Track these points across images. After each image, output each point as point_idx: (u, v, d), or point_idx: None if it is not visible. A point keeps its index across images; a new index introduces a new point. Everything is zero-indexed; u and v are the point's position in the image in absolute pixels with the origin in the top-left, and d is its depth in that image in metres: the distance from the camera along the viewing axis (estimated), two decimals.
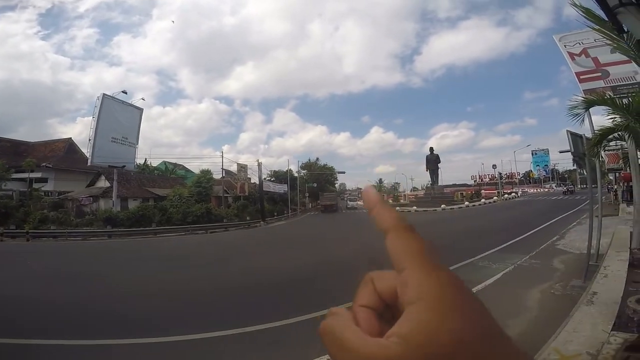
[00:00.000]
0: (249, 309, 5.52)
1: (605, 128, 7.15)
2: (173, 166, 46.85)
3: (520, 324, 4.11)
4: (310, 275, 7.89)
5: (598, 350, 2.68)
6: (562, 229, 12.34)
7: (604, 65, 10.76)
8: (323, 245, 13.54)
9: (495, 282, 6.16)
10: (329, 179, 58.07)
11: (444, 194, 41.99)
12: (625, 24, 2.69)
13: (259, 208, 33.00)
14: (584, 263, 5.83)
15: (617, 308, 3.52)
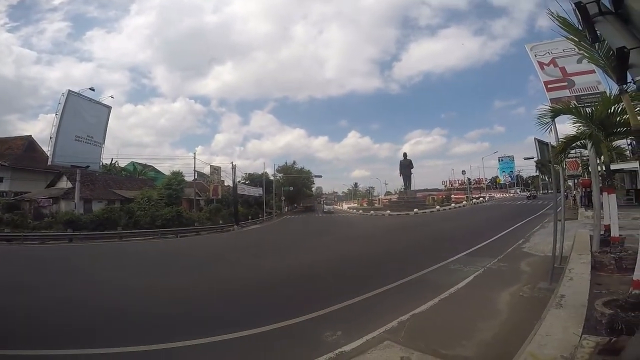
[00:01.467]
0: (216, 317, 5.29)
1: (570, 136, 7.57)
2: (142, 167, 44.82)
3: (493, 327, 4.15)
4: (281, 280, 7.74)
5: (572, 353, 2.72)
6: (527, 232, 12.92)
7: (570, 74, 11.43)
8: (296, 249, 13.37)
9: (467, 284, 6.26)
10: (306, 183, 58.01)
11: (417, 198, 43.17)
12: (603, 33, 2.78)
13: (232, 211, 32.22)
14: (549, 266, 6.05)
15: (585, 311, 3.65)
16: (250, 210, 37.75)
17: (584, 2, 2.68)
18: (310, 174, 58.41)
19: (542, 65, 12.40)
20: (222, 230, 27.38)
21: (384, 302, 5.53)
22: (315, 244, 15.11)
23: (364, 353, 3.58)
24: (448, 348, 3.61)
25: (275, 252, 13.13)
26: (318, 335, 4.26)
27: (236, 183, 35.34)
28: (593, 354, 2.64)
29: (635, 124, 3.36)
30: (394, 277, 6.85)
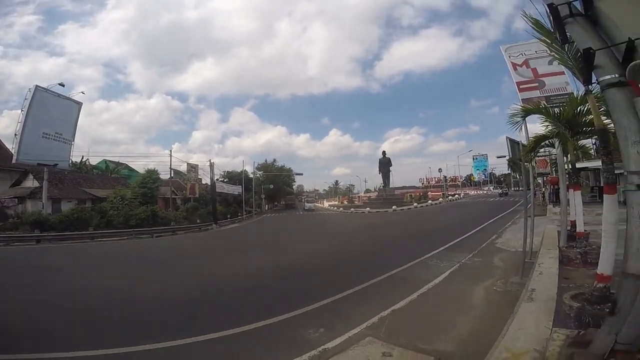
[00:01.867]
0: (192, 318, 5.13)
1: (539, 135, 7.92)
2: (115, 165, 42.92)
3: (469, 321, 4.29)
4: (262, 279, 7.65)
5: (544, 346, 2.84)
6: (500, 228, 13.47)
7: (541, 76, 11.92)
8: (276, 248, 13.26)
9: (443, 279, 6.44)
10: (287, 181, 57.62)
11: (395, 195, 43.94)
12: (572, 35, 2.84)
13: (210, 210, 31.53)
14: (520, 260, 6.32)
15: (554, 304, 3.82)
16: (229, 209, 37.08)
17: (556, 4, 2.74)
18: (291, 172, 58.10)
19: (516, 66, 12.86)
20: (200, 229, 26.76)
21: (365, 298, 5.58)
22: (296, 241, 15.06)
23: (346, 350, 3.61)
24: (427, 343, 3.69)
25: (254, 251, 12.93)
26: (301, 332, 4.26)
27: (214, 181, 34.61)
28: (564, 346, 2.77)
29: (599, 123, 3.53)
30: (374, 274, 6.92)
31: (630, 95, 2.44)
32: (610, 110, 2.63)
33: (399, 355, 3.40)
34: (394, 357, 3.37)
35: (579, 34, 2.75)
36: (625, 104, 2.47)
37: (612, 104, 2.60)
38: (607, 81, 2.56)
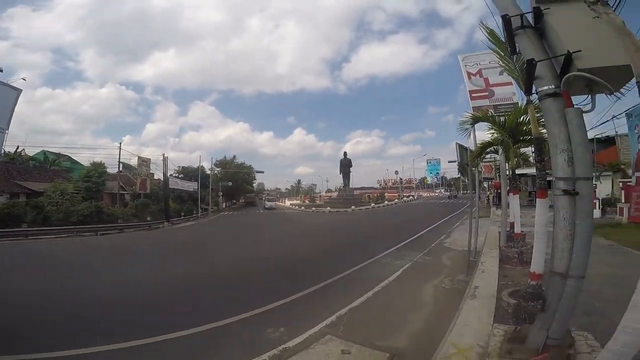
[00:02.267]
0: (141, 320, 4.78)
1: (485, 142, 8.52)
2: (56, 157, 38.69)
3: (421, 318, 4.48)
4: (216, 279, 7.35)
5: (486, 342, 3.02)
6: (449, 228, 14.33)
7: (492, 85, 12.84)
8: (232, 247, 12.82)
9: (397, 278, 6.68)
10: (247, 178, 56.26)
11: (355, 196, 44.92)
12: (520, 46, 2.95)
13: (162, 207, 29.78)
14: (466, 259, 6.73)
15: (495, 301, 4.10)
16: (183, 206, 35.33)
17: (509, 15, 2.86)
18: (251, 169, 56.81)
19: (470, 75, 13.74)
20: (150, 227, 25.21)
21: (323, 297, 5.61)
22: (254, 240, 14.72)
23: (307, 348, 3.62)
24: (383, 340, 3.80)
25: (209, 250, 12.43)
26: (260, 332, 4.20)
27: (167, 176, 32.73)
28: (503, 342, 2.95)
29: (536, 132, 3.83)
30: (332, 273, 6.99)
31: (563, 105, 2.61)
32: (545, 119, 2.81)
33: (357, 353, 3.47)
34: (352, 355, 3.43)
35: (526, 45, 2.86)
36: (558, 113, 2.63)
37: (547, 114, 2.76)
38: (544, 91, 2.71)
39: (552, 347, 2.59)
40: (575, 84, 2.53)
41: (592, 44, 2.36)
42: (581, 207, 2.49)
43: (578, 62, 2.38)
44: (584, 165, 2.51)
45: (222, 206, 48.15)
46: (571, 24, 2.53)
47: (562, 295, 2.53)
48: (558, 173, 2.59)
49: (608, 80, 2.35)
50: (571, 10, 2.52)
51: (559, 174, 2.58)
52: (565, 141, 2.55)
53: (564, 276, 2.51)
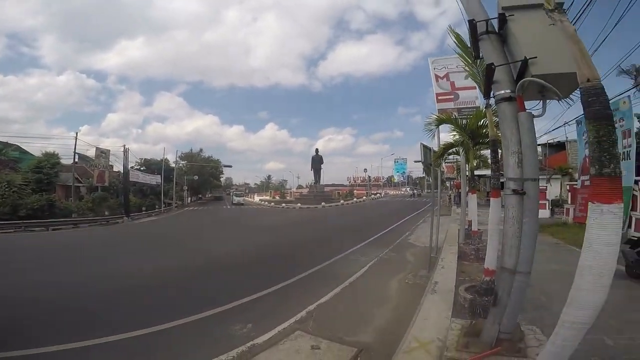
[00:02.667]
0: (102, 318, 4.51)
1: (447, 143, 8.90)
2: (2, 146, 35.06)
3: (386, 313, 4.61)
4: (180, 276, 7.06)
5: (445, 335, 3.16)
6: (413, 225, 14.84)
7: (457, 89, 13.32)
8: (197, 243, 12.41)
9: (363, 273, 6.81)
10: (214, 173, 54.55)
11: (325, 192, 45.12)
12: (483, 51, 3.03)
13: (122, 201, 28.14)
14: (427, 255, 7.02)
15: (453, 296, 4.30)
16: (145, 201, 33.58)
17: (475, 20, 2.94)
18: (219, 164, 55.14)
19: (438, 78, 14.20)
20: (108, 222, 23.75)
21: (292, 293, 5.61)
22: (220, 236, 14.36)
23: (276, 344, 3.61)
24: (351, 335, 3.86)
25: (172, 246, 11.91)
26: (227, 329, 4.13)
27: (128, 169, 30.92)
28: (460, 335, 3.07)
29: (492, 134, 4.06)
30: (300, 269, 7.00)
31: (517, 109, 2.73)
32: (500, 122, 2.94)
33: (326, 348, 3.51)
34: (322, 350, 3.46)
35: (488, 50, 2.96)
36: (511, 117, 2.76)
37: (501, 117, 2.88)
38: (500, 95, 2.83)
39: (504, 341, 2.71)
40: (530, 89, 2.64)
41: (546, 50, 2.43)
42: (528, 207, 2.63)
43: (533, 68, 2.47)
44: (531, 167, 2.65)
45: (187, 201, 46.39)
46: (530, 31, 2.60)
47: (512, 290, 2.65)
48: (509, 174, 2.72)
49: (560, 86, 2.45)
50: (532, 17, 2.57)
51: (510, 175, 2.71)
52: (517, 143, 2.67)
53: (513, 272, 2.64)
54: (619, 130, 9.71)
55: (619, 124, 9.78)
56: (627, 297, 4.63)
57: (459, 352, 2.82)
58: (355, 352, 3.41)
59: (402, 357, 2.95)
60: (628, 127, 9.59)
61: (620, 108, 9.80)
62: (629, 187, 9.21)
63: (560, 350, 2.04)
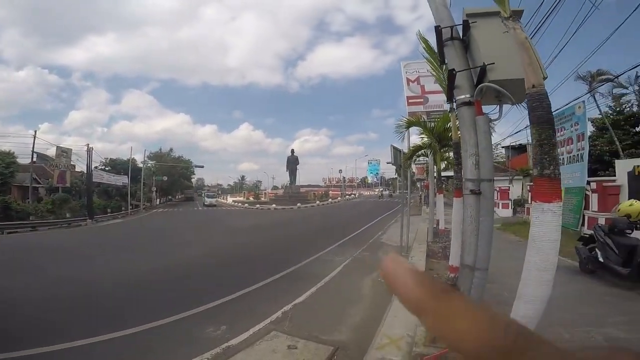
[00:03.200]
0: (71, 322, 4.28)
1: (416, 145, 9.25)
2: None
3: (360, 311, 4.70)
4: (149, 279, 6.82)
5: (414, 331, 3.27)
6: (385, 225, 15.16)
7: (427, 92, 13.69)
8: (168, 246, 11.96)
9: (338, 273, 6.91)
10: (184, 173, 52.82)
11: (300, 193, 45.02)
12: (447, 56, 3.14)
13: (85, 203, 26.59)
14: (399, 254, 7.22)
15: None
16: (110, 202, 31.93)
17: (441, 27, 3.04)
18: (190, 164, 53.50)
19: (409, 81, 14.57)
20: (70, 225, 22.38)
21: (267, 294, 5.58)
22: (190, 239, 13.91)
23: (252, 345, 3.59)
24: (327, 334, 3.91)
25: (139, 249, 11.41)
26: (200, 331, 4.06)
27: (91, 168, 29.27)
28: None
29: (456, 137, 4.28)
30: (275, 270, 6.98)
31: (475, 113, 2.84)
32: (460, 126, 3.08)
33: (303, 347, 3.53)
34: (299, 350, 3.48)
35: (451, 56, 3.07)
36: (470, 120, 2.87)
37: (461, 121, 3.00)
38: (461, 100, 2.95)
39: None
40: (488, 95, 2.77)
41: (503, 57, 2.54)
42: (484, 206, 2.77)
43: (490, 74, 2.58)
44: (487, 169, 2.79)
45: (155, 202, 44.59)
46: (489, 38, 2.71)
47: (472, 286, 2.77)
48: (467, 175, 2.86)
49: (514, 92, 2.57)
50: (492, 24, 2.67)
51: (468, 176, 2.85)
52: (475, 146, 2.81)
53: (473, 269, 2.77)
54: (574, 134, 10.48)
55: (574, 128, 10.56)
56: (581, 291, 4.98)
57: (427, 347, 2.93)
58: (332, 351, 3.45)
59: (375, 353, 3.04)
60: (582, 130, 10.31)
61: (576, 113, 10.55)
62: (582, 188, 9.98)
63: None
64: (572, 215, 10.20)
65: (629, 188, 8.17)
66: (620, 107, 23.43)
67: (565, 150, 10.93)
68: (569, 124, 10.81)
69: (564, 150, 11.03)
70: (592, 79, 23.03)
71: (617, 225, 5.26)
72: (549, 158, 2.05)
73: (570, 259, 6.51)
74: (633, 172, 8.09)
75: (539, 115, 2.09)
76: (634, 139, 21.60)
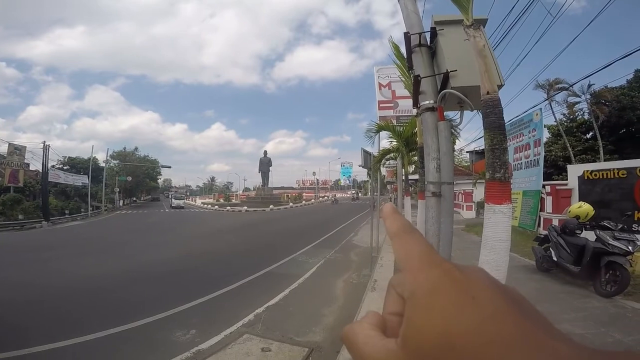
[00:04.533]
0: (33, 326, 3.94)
1: (385, 149, 9.50)
2: None
3: (334, 312, 4.73)
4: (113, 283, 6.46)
5: None
6: (357, 227, 15.38)
7: (397, 97, 14.06)
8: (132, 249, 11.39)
9: (311, 274, 6.92)
10: (150, 173, 50.64)
11: (273, 195, 44.55)
12: (414, 62, 3.20)
13: (40, 204, 24.73)
14: (369, 255, 7.36)
15: None
16: (68, 203, 29.94)
17: (410, 33, 3.10)
18: (156, 164, 51.41)
19: (381, 86, 14.90)
20: (23, 227, 20.73)
21: (239, 297, 5.47)
22: (157, 242, 13.35)
23: (224, 348, 3.51)
24: (301, 335, 3.89)
25: (101, 252, 10.77)
26: (168, 336, 3.91)
27: (47, 167, 27.30)
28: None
29: (421, 142, 4.43)
30: (247, 272, 6.88)
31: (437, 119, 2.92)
32: (423, 131, 3.14)
33: (277, 350, 3.49)
34: (273, 352, 3.43)
35: (418, 62, 3.13)
36: (433, 125, 2.96)
37: (425, 126, 3.08)
38: (425, 106, 3.03)
39: None
40: (450, 101, 2.86)
41: (464, 64, 2.61)
42: (444, 207, 2.88)
43: (453, 81, 2.65)
44: (447, 172, 2.89)
45: (118, 204, 42.33)
46: (454, 45, 2.78)
47: None
48: (429, 178, 2.97)
49: (474, 98, 2.64)
50: (457, 32, 2.73)
51: (430, 179, 2.95)
52: (436, 150, 2.91)
53: None
54: (532, 140, 11.21)
55: (531, 134, 11.28)
56: (538, 289, 5.22)
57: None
58: (307, 352, 3.44)
59: (347, 354, 3.06)
60: (539, 136, 11.02)
61: (534, 119, 11.29)
62: (538, 191, 10.68)
63: None
64: (529, 217, 10.88)
65: (579, 191, 8.76)
66: (574, 115, 25.43)
67: (523, 155, 11.67)
68: (527, 130, 11.56)
69: (522, 155, 11.77)
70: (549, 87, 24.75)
71: (568, 226, 5.54)
72: (499, 162, 2.12)
73: (528, 258, 6.87)
74: (583, 177, 8.72)
75: (491, 121, 2.16)
76: (585, 145, 23.55)
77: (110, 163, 41.08)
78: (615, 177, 7.88)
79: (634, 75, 22.72)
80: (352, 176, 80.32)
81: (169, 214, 31.66)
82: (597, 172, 8.41)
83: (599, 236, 4.92)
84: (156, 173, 53.83)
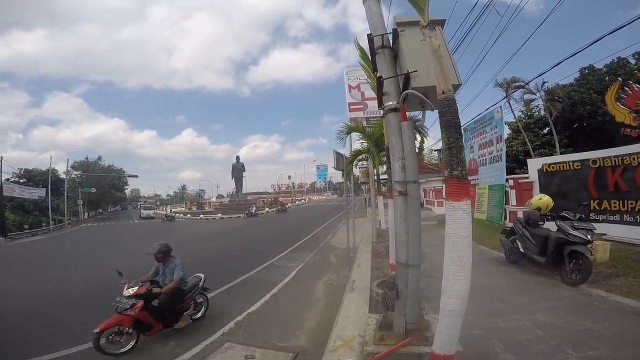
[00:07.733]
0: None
1: (356, 150, 9.64)
2: None
3: (315, 315, 4.71)
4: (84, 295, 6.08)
5: (364, 331, 3.33)
6: (334, 228, 15.48)
7: (366, 99, 14.23)
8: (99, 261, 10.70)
9: (291, 279, 6.87)
10: (116, 184, 48.21)
11: (248, 201, 43.77)
12: (377, 64, 3.22)
13: None
14: (347, 256, 7.44)
15: (369, 292, 4.61)
16: (27, 218, 27.90)
17: (373, 35, 3.10)
18: (122, 173, 49.06)
19: (351, 88, 15.07)
20: None
21: (218, 305, 5.31)
22: (124, 253, 12.72)
23: (206, 358, 3.44)
24: (284, 340, 3.85)
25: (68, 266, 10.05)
26: (147, 349, 3.80)
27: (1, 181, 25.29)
28: (376, 329, 3.27)
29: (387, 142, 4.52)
30: (226, 280, 6.74)
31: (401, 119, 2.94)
32: (388, 131, 3.15)
33: (261, 356, 3.44)
34: (257, 359, 3.39)
35: (381, 64, 3.14)
36: (396, 126, 2.98)
37: (389, 126, 3.09)
38: (388, 107, 3.05)
39: (413, 331, 2.91)
40: (412, 101, 2.88)
41: (424, 65, 2.60)
42: (411, 206, 2.92)
43: (414, 81, 2.68)
44: (412, 171, 2.94)
45: (83, 217, 39.94)
46: (413, 46, 2.78)
47: (407, 282, 2.88)
48: (395, 177, 3.00)
49: (434, 98, 2.56)
50: (416, 33, 2.70)
51: (396, 178, 2.99)
52: (401, 150, 2.95)
53: (407, 265, 2.87)
54: (494, 137, 11.78)
55: (493, 131, 11.86)
56: (508, 281, 5.36)
57: (377, 345, 2.98)
58: (292, 357, 3.41)
59: (330, 356, 3.06)
60: (500, 133, 11.57)
61: (495, 117, 11.88)
62: (502, 185, 11.23)
63: (446, 336, 2.25)
64: (496, 210, 11.42)
65: (540, 183, 9.26)
66: (530, 112, 27.04)
67: (487, 151, 12.26)
68: (489, 127, 12.16)
69: (485, 151, 12.37)
70: (507, 86, 26.14)
71: (531, 217, 5.74)
72: (456, 160, 2.16)
73: (497, 251, 7.06)
74: (542, 170, 9.24)
75: (447, 120, 2.18)
76: (542, 140, 25.09)
77: (71, 174, 38.70)
78: (570, 169, 8.34)
79: (580, 73, 24.56)
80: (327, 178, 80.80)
81: (138, 225, 30.21)
82: (554, 165, 8.89)
83: (559, 226, 5.11)
84: (122, 183, 51.38)
